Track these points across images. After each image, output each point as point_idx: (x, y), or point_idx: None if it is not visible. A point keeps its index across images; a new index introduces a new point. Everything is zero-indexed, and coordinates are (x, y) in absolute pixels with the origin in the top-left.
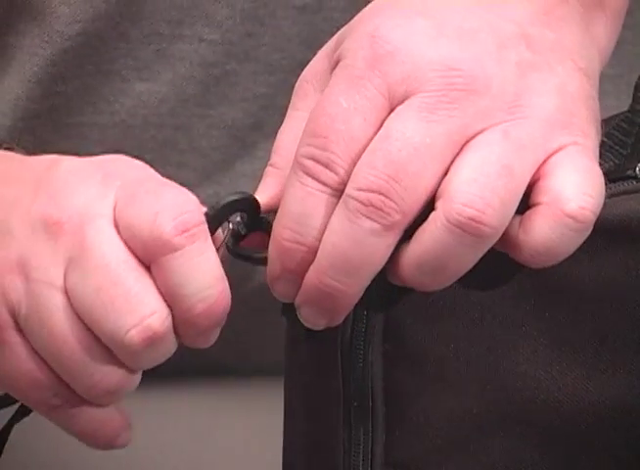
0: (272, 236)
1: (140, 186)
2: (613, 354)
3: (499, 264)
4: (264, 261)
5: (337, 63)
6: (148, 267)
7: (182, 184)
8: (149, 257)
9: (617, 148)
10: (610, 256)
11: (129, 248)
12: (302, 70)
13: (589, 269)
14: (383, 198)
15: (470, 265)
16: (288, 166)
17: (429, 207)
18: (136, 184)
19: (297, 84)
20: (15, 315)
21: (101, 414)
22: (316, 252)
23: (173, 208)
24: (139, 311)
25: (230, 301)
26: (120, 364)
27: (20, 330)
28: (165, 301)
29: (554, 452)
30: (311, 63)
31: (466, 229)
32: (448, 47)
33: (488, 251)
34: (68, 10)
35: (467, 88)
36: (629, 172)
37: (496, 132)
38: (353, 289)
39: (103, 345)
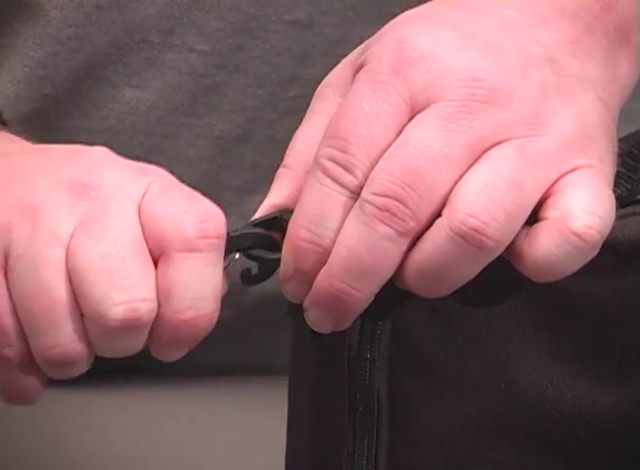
0: (287, 235)
1: (175, 186)
2: (619, 368)
3: (502, 279)
4: (277, 263)
5: (361, 67)
6: (155, 262)
7: None
8: (162, 249)
9: (630, 174)
10: (619, 274)
11: (145, 236)
12: (292, 84)
13: (598, 287)
14: (398, 204)
15: (471, 276)
16: (301, 168)
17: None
18: (171, 183)
19: (317, 89)
20: (7, 255)
21: (33, 382)
22: (330, 253)
23: (203, 212)
24: (134, 292)
25: (213, 325)
26: (85, 339)
27: (5, 272)
28: (158, 297)
29: (558, 464)
30: (334, 69)
31: (468, 239)
32: (473, 58)
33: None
34: (60, 14)
35: (488, 100)
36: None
37: (512, 147)
38: (363, 294)
39: (78, 313)
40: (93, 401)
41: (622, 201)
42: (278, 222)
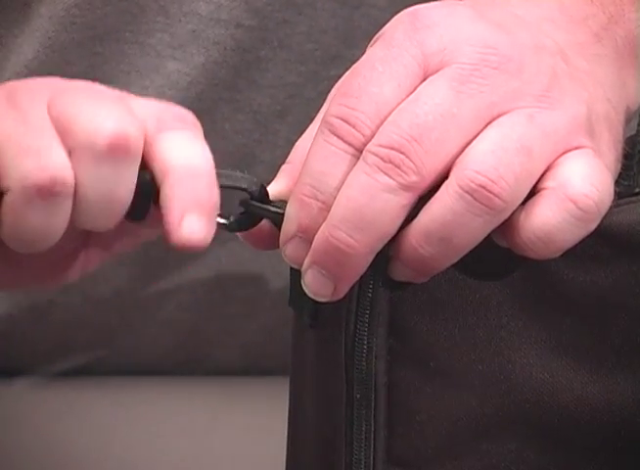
0: (292, 193)
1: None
2: (618, 360)
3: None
4: (280, 218)
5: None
6: None
7: None
8: None
9: (627, 172)
10: (615, 262)
11: None
12: (334, 63)
13: (595, 276)
14: (403, 157)
15: (476, 240)
16: (302, 163)
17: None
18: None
19: (332, 91)
20: None
21: None
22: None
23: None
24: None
25: None
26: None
27: None
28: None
29: (557, 455)
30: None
31: (476, 197)
32: (487, 29)
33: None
34: None
35: (500, 67)
36: (637, 190)
37: (521, 115)
38: (363, 246)
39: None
40: (93, 401)
41: (620, 196)
42: (273, 215)
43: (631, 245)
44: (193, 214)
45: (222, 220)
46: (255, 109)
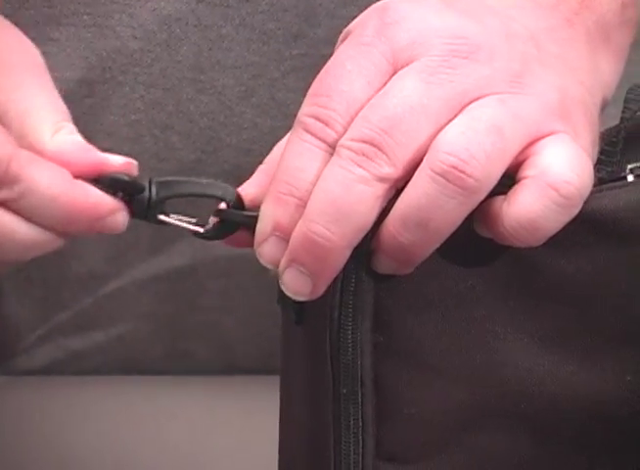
0: (268, 192)
1: None
2: (604, 348)
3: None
4: (254, 221)
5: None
6: None
7: (166, 146)
8: None
9: (610, 159)
10: (599, 249)
11: None
12: (296, 42)
13: (579, 263)
14: (375, 149)
15: (454, 223)
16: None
17: None
18: None
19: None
20: None
21: None
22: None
23: None
24: None
25: None
26: None
27: None
28: None
29: (547, 446)
30: None
31: (449, 178)
32: (456, 19)
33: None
34: None
35: (470, 56)
36: (621, 174)
37: (492, 99)
38: (340, 239)
39: None
40: (93, 401)
41: (603, 181)
42: (249, 220)
43: (615, 231)
44: None
45: (199, 229)
46: (220, 90)
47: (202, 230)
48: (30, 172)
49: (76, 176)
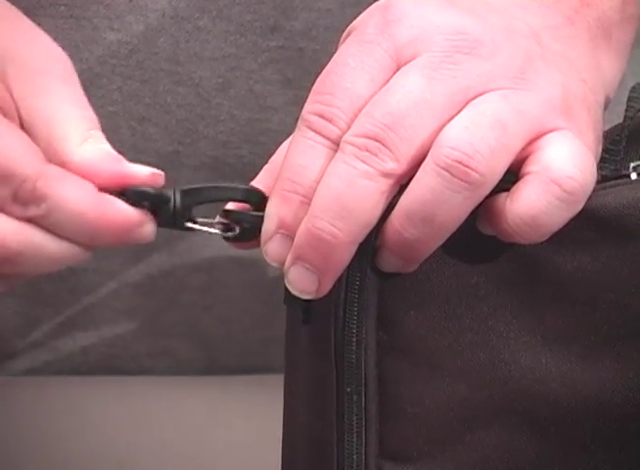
0: (273, 190)
1: None
2: (606, 346)
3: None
4: (261, 221)
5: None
6: None
7: (143, 138)
8: None
9: (614, 157)
10: (602, 247)
11: None
12: (274, 34)
13: (583, 261)
14: (379, 145)
15: (459, 218)
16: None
17: None
18: None
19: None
20: None
21: None
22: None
23: None
24: None
25: None
26: None
27: None
28: None
29: (548, 443)
30: None
31: (453, 172)
32: (458, 16)
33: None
34: None
35: (472, 51)
36: (624, 172)
37: (495, 95)
38: (346, 236)
39: None
40: (93, 401)
41: (607, 179)
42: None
43: (618, 228)
44: None
45: (227, 234)
46: (197, 82)
47: (230, 235)
48: (58, 190)
49: (103, 187)
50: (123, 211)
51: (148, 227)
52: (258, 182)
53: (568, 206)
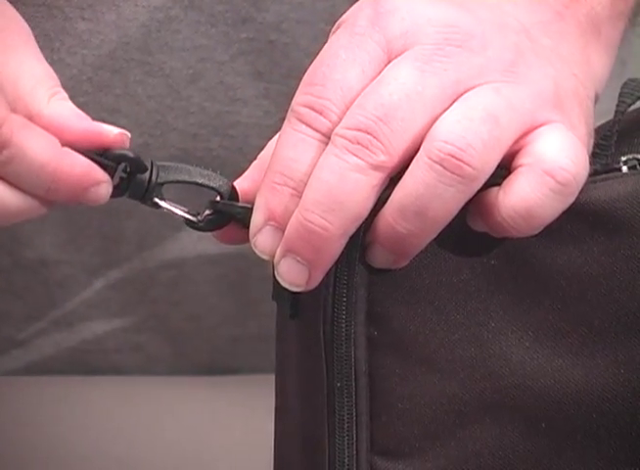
0: (262, 183)
1: None
2: (598, 341)
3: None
4: (248, 213)
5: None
6: None
7: None
8: None
9: (604, 152)
10: (593, 241)
11: None
12: (245, 25)
13: (574, 255)
14: (370, 137)
15: (452, 212)
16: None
17: None
18: None
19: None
20: None
21: None
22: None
23: None
24: None
25: None
26: None
27: None
28: None
29: (540, 439)
30: None
31: (446, 166)
32: (449, 9)
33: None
34: None
35: (463, 44)
36: (615, 166)
37: (487, 88)
38: (336, 229)
39: None
40: (92, 401)
41: (598, 173)
42: (241, 214)
43: (609, 222)
44: None
45: (191, 217)
46: (167, 73)
47: (195, 220)
48: (21, 138)
49: (69, 143)
50: (83, 167)
51: (104, 187)
52: (246, 178)
53: (561, 197)
